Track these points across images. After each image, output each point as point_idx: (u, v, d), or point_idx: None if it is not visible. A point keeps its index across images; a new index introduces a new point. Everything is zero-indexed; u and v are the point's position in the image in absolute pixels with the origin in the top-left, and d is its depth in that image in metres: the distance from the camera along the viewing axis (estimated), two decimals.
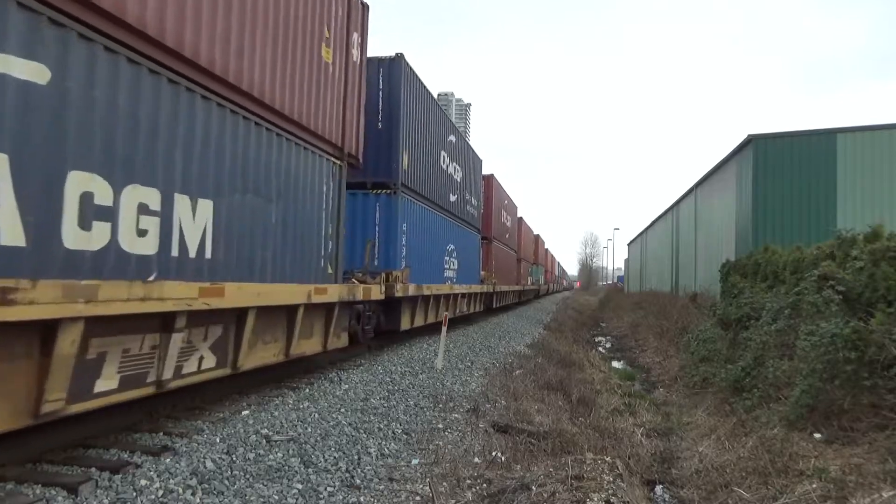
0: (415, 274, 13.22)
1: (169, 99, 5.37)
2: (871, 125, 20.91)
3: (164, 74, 5.29)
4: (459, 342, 15.36)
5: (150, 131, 5.11)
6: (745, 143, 21.84)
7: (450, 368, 11.30)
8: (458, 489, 5.18)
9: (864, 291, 8.35)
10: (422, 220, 14.15)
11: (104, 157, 4.62)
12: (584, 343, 20.92)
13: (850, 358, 7.06)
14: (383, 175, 12.26)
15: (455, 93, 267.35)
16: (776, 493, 5.68)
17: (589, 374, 13.44)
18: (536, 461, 6.08)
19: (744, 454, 6.88)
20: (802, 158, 20.64)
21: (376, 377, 9.66)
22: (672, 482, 7.05)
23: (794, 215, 20.26)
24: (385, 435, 6.57)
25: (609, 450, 7.04)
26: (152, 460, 5.07)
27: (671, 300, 28.07)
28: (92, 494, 4.34)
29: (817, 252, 11.33)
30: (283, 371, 9.09)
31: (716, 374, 11.24)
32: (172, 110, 5.41)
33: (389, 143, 12.24)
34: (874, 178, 20.17)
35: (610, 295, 64.14)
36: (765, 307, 11.55)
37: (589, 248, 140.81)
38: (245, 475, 5.01)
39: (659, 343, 19.34)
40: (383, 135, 12.20)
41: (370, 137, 11.14)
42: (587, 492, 4.97)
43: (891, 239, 8.99)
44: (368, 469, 5.48)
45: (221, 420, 6.48)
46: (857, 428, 6.85)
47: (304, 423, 6.61)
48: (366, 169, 11.03)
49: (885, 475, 5.53)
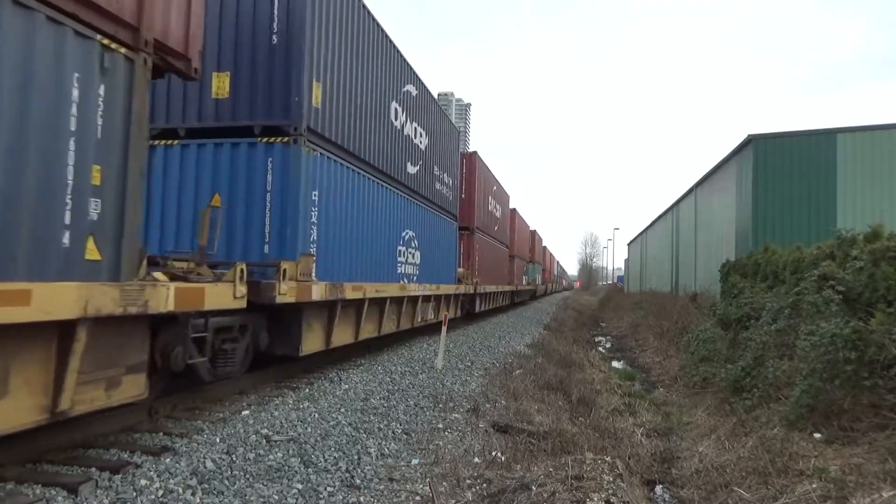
0: (338, 266, 9.25)
1: None
2: (871, 125, 20.92)
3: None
4: (460, 342, 15.36)
5: None
6: (744, 143, 21.84)
7: (450, 368, 11.31)
8: (458, 489, 5.18)
9: (864, 291, 8.35)
10: (350, 188, 9.73)
11: None
12: (584, 343, 20.92)
13: (850, 358, 7.06)
14: (278, 115, 7.96)
15: (455, 93, 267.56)
16: (776, 493, 5.68)
17: (589, 374, 13.45)
18: (536, 461, 6.08)
19: (744, 454, 6.88)
20: (802, 158, 20.64)
21: (376, 377, 9.67)
22: (672, 482, 7.05)
23: (794, 215, 20.26)
24: (385, 435, 6.57)
25: (609, 450, 7.04)
26: (152, 460, 5.07)
27: (671, 300, 28.07)
28: (92, 494, 4.34)
29: (817, 252, 11.34)
30: (291, 368, 9.07)
31: (716, 374, 11.24)
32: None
33: (287, 65, 7.98)
34: (874, 178, 20.18)
35: (610, 295, 64.13)
36: (765, 307, 11.56)
37: (589, 248, 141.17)
38: (245, 475, 5.01)
39: (659, 343, 19.34)
40: (278, 52, 8.02)
41: (258, 57, 8.03)
42: (587, 492, 4.97)
43: (891, 239, 9.00)
44: (368, 469, 5.48)
45: (221, 420, 6.48)
46: (857, 428, 6.85)
47: (304, 423, 6.61)
48: (252, 104, 8.00)
49: (885, 475, 5.53)
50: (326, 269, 8.81)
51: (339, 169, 9.32)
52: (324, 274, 8.68)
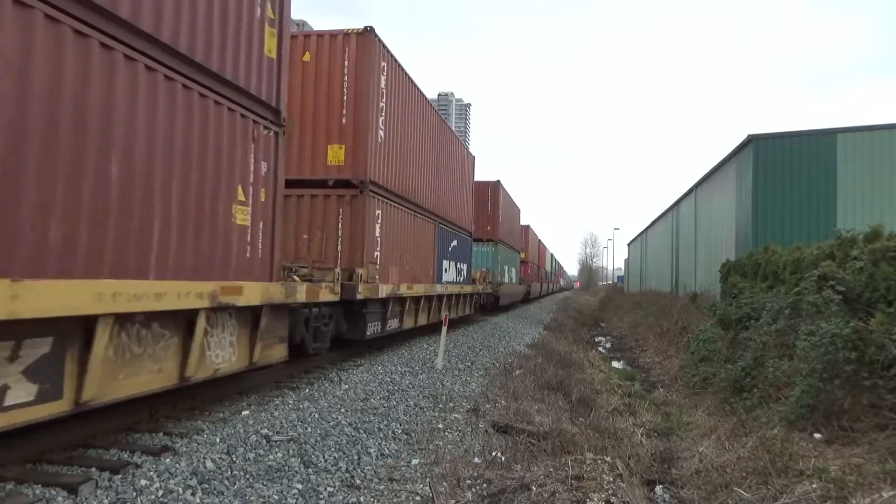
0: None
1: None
2: (871, 125, 20.92)
3: None
4: (460, 342, 15.37)
5: None
6: (744, 143, 21.85)
7: (450, 368, 11.31)
8: (458, 489, 5.18)
9: (864, 291, 8.35)
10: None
11: None
12: (584, 343, 20.91)
13: (850, 358, 7.06)
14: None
15: (455, 93, 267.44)
16: (776, 493, 5.68)
17: (589, 374, 13.45)
18: (536, 461, 6.08)
19: (744, 454, 6.88)
20: (802, 158, 20.65)
21: (376, 377, 9.67)
22: (672, 482, 7.05)
23: (794, 215, 20.27)
24: (385, 435, 6.57)
25: (609, 450, 7.04)
26: (152, 460, 5.07)
27: (671, 300, 28.08)
28: (92, 494, 4.34)
29: (817, 252, 11.33)
30: (284, 372, 9.09)
31: (716, 374, 11.24)
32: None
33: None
34: (874, 178, 20.18)
35: (610, 295, 64.12)
36: (765, 307, 11.54)
37: (589, 248, 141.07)
38: (245, 475, 5.01)
39: (659, 343, 19.34)
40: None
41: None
42: (587, 492, 4.97)
43: (891, 239, 8.99)
44: (368, 469, 5.48)
45: (221, 420, 6.48)
46: (857, 428, 6.85)
47: (304, 423, 6.61)
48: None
49: (885, 475, 5.53)
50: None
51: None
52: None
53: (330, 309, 9.59)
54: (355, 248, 10.61)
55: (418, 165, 14.18)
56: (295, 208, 10.52)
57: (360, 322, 10.77)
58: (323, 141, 10.79)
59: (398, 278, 12.45)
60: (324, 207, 10.70)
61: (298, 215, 10.59)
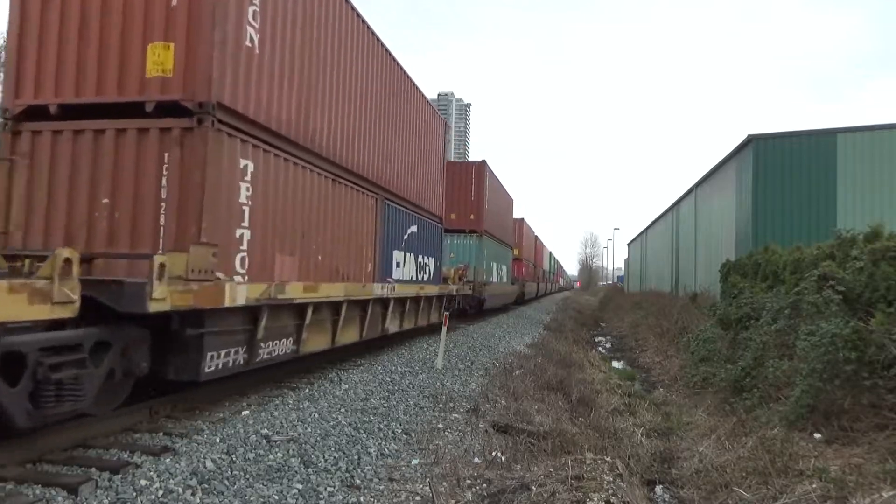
0: None
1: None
2: (871, 125, 20.92)
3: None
4: (460, 342, 15.37)
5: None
6: (744, 143, 21.85)
7: (450, 368, 11.31)
8: (458, 489, 5.18)
9: (864, 291, 8.35)
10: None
11: None
12: (584, 343, 20.91)
13: (850, 358, 7.06)
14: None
15: (455, 93, 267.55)
16: (776, 493, 5.68)
17: (589, 374, 13.45)
18: (536, 461, 6.08)
19: (744, 454, 6.88)
20: (802, 158, 20.64)
21: (376, 377, 9.67)
22: (672, 482, 7.05)
23: (794, 215, 20.27)
24: (385, 435, 6.57)
25: (609, 450, 7.04)
26: (152, 460, 5.07)
27: (671, 300, 28.07)
28: (92, 494, 4.34)
29: (817, 252, 11.33)
30: (291, 367, 9.11)
31: (716, 374, 11.24)
32: None
33: None
34: (874, 178, 20.18)
35: (610, 295, 64.11)
36: (765, 307, 11.54)
37: (589, 248, 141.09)
38: (245, 475, 5.01)
39: (659, 343, 19.33)
40: None
41: None
42: (587, 492, 4.97)
43: (891, 239, 8.99)
44: (368, 469, 5.49)
45: (221, 420, 6.48)
46: (857, 428, 6.85)
47: (304, 423, 6.61)
48: None
49: (885, 475, 5.53)
50: None
51: None
52: None
53: (96, 331, 5.22)
54: (187, 221, 6.21)
55: (342, 106, 9.55)
56: (89, 154, 6.50)
57: (189, 351, 6.17)
58: (139, 38, 6.48)
59: (294, 273, 8.08)
60: (136, 151, 6.40)
61: (95, 165, 6.49)
